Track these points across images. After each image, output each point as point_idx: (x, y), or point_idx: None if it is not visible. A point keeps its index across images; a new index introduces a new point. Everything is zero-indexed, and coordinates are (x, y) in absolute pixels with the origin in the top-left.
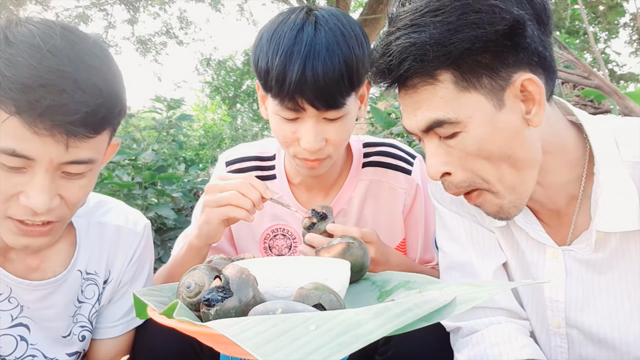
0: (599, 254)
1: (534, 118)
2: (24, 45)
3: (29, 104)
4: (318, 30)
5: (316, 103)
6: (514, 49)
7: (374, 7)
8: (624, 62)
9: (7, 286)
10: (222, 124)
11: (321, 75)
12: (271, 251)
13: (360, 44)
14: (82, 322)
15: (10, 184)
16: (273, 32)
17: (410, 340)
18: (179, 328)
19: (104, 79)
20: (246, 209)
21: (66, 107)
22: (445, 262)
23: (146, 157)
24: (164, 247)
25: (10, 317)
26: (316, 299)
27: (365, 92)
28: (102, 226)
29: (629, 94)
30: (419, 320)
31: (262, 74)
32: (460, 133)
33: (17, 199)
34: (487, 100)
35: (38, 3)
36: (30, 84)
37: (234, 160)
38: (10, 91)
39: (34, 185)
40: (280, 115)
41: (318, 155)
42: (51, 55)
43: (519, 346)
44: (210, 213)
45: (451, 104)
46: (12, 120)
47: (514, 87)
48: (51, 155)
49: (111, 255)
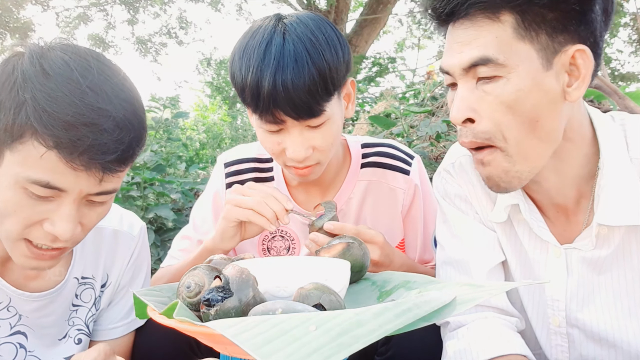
0: (602, 251)
1: (573, 92)
2: (62, 78)
3: (71, 141)
4: (286, 40)
5: (292, 114)
6: (579, 18)
7: (374, 7)
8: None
9: (7, 295)
10: (222, 124)
11: (291, 86)
12: (270, 252)
13: (332, 47)
14: (78, 325)
15: (36, 211)
16: (244, 49)
17: (409, 340)
18: (179, 328)
19: (135, 113)
20: (267, 217)
21: (106, 146)
22: (442, 257)
23: (145, 158)
24: (163, 247)
25: (9, 325)
26: (316, 299)
27: (351, 91)
28: (98, 231)
29: (629, 94)
30: (419, 320)
31: (239, 90)
32: (502, 78)
33: (41, 225)
34: (538, 56)
35: (38, 3)
36: (73, 122)
37: (232, 162)
38: (52, 127)
39: (61, 214)
40: (264, 128)
41: (306, 162)
42: (91, 92)
43: (502, 341)
44: (231, 210)
45: (503, 47)
46: (50, 154)
47: (565, 56)
48: (83, 188)
49: (108, 260)
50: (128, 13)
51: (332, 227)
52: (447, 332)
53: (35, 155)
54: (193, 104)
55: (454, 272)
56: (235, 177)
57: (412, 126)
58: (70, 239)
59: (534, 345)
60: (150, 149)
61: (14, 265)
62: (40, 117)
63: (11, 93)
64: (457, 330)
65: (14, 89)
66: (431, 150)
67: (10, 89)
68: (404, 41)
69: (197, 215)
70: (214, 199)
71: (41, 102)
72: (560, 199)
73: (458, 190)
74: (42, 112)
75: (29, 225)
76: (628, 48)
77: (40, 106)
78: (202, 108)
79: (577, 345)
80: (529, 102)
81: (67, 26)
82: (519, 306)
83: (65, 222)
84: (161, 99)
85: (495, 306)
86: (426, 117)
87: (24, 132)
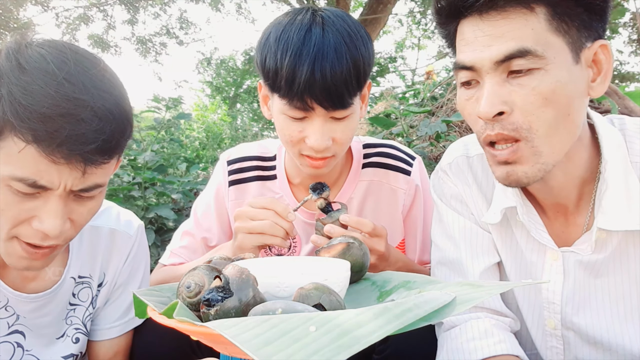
0: (599, 255)
1: (597, 87)
2: (38, 72)
3: (48, 133)
4: (326, 31)
5: (325, 103)
6: (600, 15)
7: (374, 7)
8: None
9: (4, 296)
10: (222, 124)
11: (329, 76)
12: (271, 250)
13: (365, 44)
14: (75, 324)
15: (23, 209)
16: (281, 32)
17: (408, 339)
18: (179, 328)
19: (116, 103)
20: (280, 236)
21: (84, 136)
22: (437, 257)
23: (146, 158)
24: (163, 247)
25: (7, 325)
26: (316, 299)
27: (367, 92)
28: (95, 230)
29: (629, 93)
30: (419, 320)
31: (270, 74)
32: (540, 70)
33: (29, 223)
34: (569, 50)
35: (38, 3)
36: (49, 114)
37: (235, 159)
38: (28, 120)
39: (48, 210)
40: (288, 115)
41: (324, 153)
42: (67, 83)
43: (494, 341)
44: (244, 239)
45: (540, 39)
46: (29, 149)
47: (590, 51)
48: (67, 183)
49: (105, 259)
50: (128, 13)
51: (349, 219)
52: (441, 332)
53: (15, 151)
54: (193, 104)
55: (448, 272)
56: (237, 174)
57: (411, 126)
58: (60, 236)
59: (529, 346)
60: (151, 149)
61: (12, 268)
62: (16, 111)
63: None
64: (450, 331)
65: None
66: (431, 150)
67: None
68: (404, 41)
69: (199, 212)
70: (216, 196)
71: (17, 96)
72: (563, 198)
73: (454, 190)
74: (18, 106)
75: (17, 224)
76: (628, 48)
77: (16, 100)
78: (202, 108)
79: (573, 347)
80: (564, 94)
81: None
82: (515, 308)
83: (52, 218)
84: (164, 99)
85: (489, 307)
86: (426, 117)
87: (3, 129)
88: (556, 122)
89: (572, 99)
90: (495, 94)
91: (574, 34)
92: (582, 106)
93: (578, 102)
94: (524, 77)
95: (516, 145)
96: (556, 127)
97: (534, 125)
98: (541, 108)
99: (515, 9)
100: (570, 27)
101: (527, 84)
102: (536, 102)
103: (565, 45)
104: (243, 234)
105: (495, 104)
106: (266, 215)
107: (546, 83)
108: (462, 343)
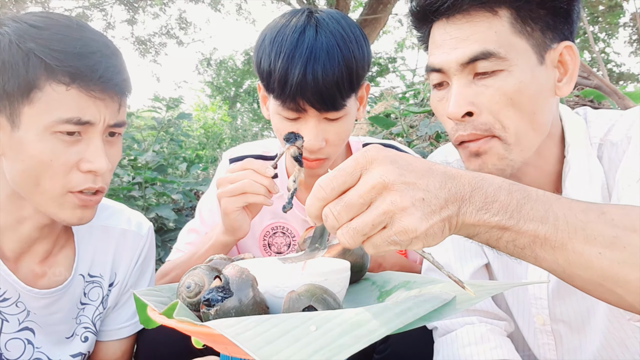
0: None
1: (563, 87)
2: (53, 26)
3: (88, 69)
4: (319, 33)
5: (317, 104)
6: (565, 17)
7: (374, 7)
8: (624, 62)
9: (16, 291)
10: (222, 124)
11: (321, 78)
12: (270, 248)
13: (359, 46)
14: (85, 323)
15: (70, 153)
16: (275, 35)
17: (408, 339)
18: (179, 328)
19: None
20: (261, 193)
21: (115, 68)
22: (427, 263)
23: (146, 158)
24: (164, 247)
25: (18, 321)
26: (306, 302)
27: (365, 94)
28: (106, 230)
29: (628, 93)
30: (419, 320)
31: (265, 75)
32: (503, 72)
33: (77, 169)
34: (533, 52)
35: (38, 3)
36: (83, 52)
37: (238, 158)
38: (66, 60)
39: (92, 150)
40: (282, 115)
41: (318, 155)
42: (82, 28)
43: (490, 347)
44: (227, 203)
45: (503, 42)
46: (70, 89)
47: (555, 52)
48: (106, 116)
49: (117, 259)
50: (127, 13)
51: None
52: (436, 338)
53: (56, 96)
54: (193, 104)
55: (438, 277)
56: None
57: (411, 126)
58: (107, 173)
59: (523, 347)
60: (152, 149)
61: (26, 262)
62: (52, 56)
63: (11, 50)
64: (446, 336)
65: (12, 46)
66: (431, 150)
67: (9, 48)
68: (404, 41)
69: (204, 209)
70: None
71: (47, 44)
72: None
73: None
74: (52, 52)
75: (67, 171)
76: (628, 48)
77: (47, 48)
78: (202, 108)
79: (564, 340)
80: (528, 94)
81: None
82: (505, 307)
83: (99, 155)
84: (164, 99)
85: (481, 309)
86: (426, 117)
87: (37, 80)
88: (523, 121)
89: (537, 98)
90: (462, 95)
91: (537, 36)
92: (549, 105)
93: (544, 102)
94: (489, 79)
95: (489, 138)
96: (524, 125)
97: (505, 123)
98: (507, 107)
99: (479, 13)
100: (534, 29)
101: (492, 84)
102: (501, 102)
103: (529, 47)
104: (226, 199)
105: (462, 104)
106: (245, 174)
107: (510, 84)
108: (458, 349)
